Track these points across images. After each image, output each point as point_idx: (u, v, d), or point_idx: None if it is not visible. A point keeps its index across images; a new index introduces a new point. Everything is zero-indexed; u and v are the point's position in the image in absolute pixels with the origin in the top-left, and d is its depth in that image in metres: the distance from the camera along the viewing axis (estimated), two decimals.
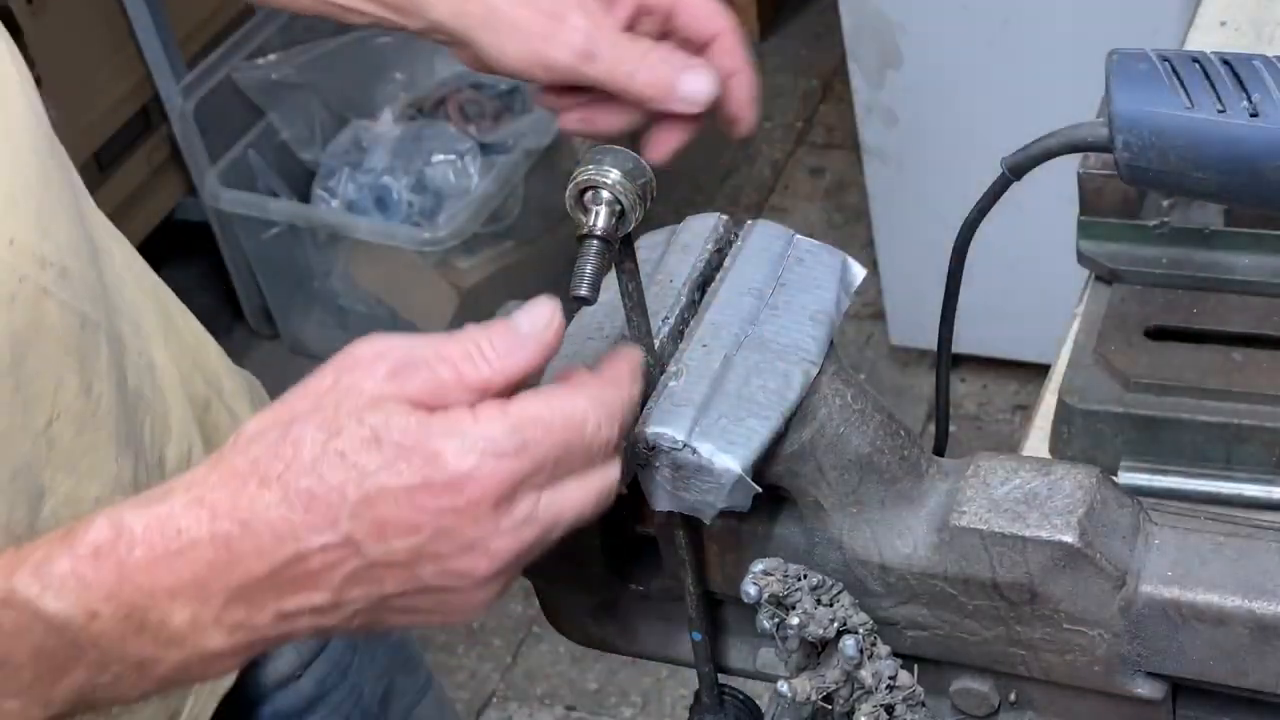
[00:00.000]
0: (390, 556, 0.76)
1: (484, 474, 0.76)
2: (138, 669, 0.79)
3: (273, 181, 3.16)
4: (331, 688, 1.44)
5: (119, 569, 0.77)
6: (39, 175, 1.09)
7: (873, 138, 2.82)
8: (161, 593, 0.77)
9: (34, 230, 1.06)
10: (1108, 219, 1.30)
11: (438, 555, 0.76)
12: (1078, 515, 0.84)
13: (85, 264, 1.13)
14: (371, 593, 0.78)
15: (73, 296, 1.11)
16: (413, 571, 0.77)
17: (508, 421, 0.77)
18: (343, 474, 0.75)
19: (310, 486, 0.75)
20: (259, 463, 0.77)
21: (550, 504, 0.78)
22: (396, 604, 0.79)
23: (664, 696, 2.72)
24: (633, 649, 1.01)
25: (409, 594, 0.78)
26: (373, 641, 1.49)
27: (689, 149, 1.15)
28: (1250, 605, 0.82)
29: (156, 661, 0.79)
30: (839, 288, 0.89)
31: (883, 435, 0.87)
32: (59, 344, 1.09)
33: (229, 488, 0.77)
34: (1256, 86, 0.86)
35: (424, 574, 0.77)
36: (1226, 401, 1.20)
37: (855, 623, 0.87)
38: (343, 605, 0.78)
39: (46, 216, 1.08)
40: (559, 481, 0.79)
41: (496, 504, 0.76)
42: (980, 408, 3.07)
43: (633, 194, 0.81)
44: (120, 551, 0.77)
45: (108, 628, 0.78)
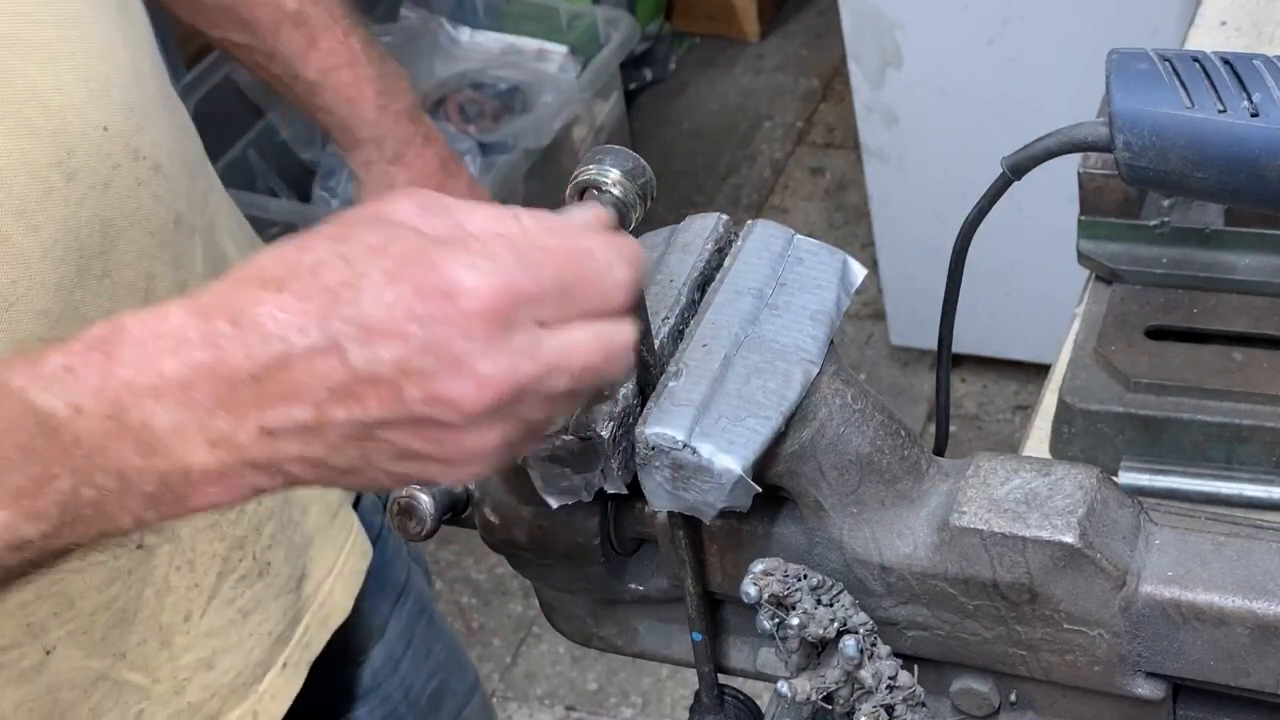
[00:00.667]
0: (375, 367, 0.73)
1: (480, 286, 0.73)
2: (121, 482, 0.77)
3: (273, 181, 3.16)
4: (385, 679, 1.45)
5: (106, 363, 0.76)
6: (132, 69, 1.13)
7: (873, 138, 2.82)
8: (145, 390, 0.75)
9: (127, 121, 1.11)
10: (1108, 219, 1.30)
11: (423, 372, 0.73)
12: (1078, 515, 0.84)
13: (180, 169, 1.18)
14: (354, 414, 0.74)
15: (168, 193, 1.15)
16: (397, 392, 0.73)
17: (510, 243, 0.74)
18: (340, 275, 0.73)
19: (304, 286, 0.74)
20: (264, 268, 0.75)
21: (554, 344, 0.75)
22: (383, 438, 0.75)
23: (664, 696, 2.72)
24: (633, 649, 1.01)
25: (396, 424, 0.75)
26: (427, 638, 1.49)
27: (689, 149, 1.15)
28: (1250, 605, 0.82)
29: (139, 473, 0.76)
30: (839, 288, 0.89)
31: (883, 435, 0.87)
32: (152, 238, 1.12)
33: (230, 290, 0.75)
34: (1257, 86, 0.86)
35: (409, 395, 0.73)
36: (1226, 401, 1.21)
37: (855, 623, 0.87)
38: (325, 427, 0.75)
39: (140, 112, 1.13)
40: (564, 320, 0.75)
41: (490, 319, 0.73)
42: (980, 408, 3.07)
43: (633, 193, 0.81)
44: (111, 345, 0.76)
45: (90, 425, 0.76)
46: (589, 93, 3.28)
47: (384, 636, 1.46)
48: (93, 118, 1.08)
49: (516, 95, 3.25)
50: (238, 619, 1.25)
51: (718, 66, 3.92)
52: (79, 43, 1.08)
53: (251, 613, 1.26)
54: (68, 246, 1.06)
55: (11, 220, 1.02)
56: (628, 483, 0.86)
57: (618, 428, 0.85)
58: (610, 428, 0.84)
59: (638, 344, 0.85)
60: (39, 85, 1.05)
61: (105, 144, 1.08)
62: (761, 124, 3.75)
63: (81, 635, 1.14)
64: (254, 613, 1.26)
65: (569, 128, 3.26)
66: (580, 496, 0.87)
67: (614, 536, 0.94)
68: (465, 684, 1.59)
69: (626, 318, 0.78)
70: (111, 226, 1.09)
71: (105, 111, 1.09)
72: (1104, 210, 1.30)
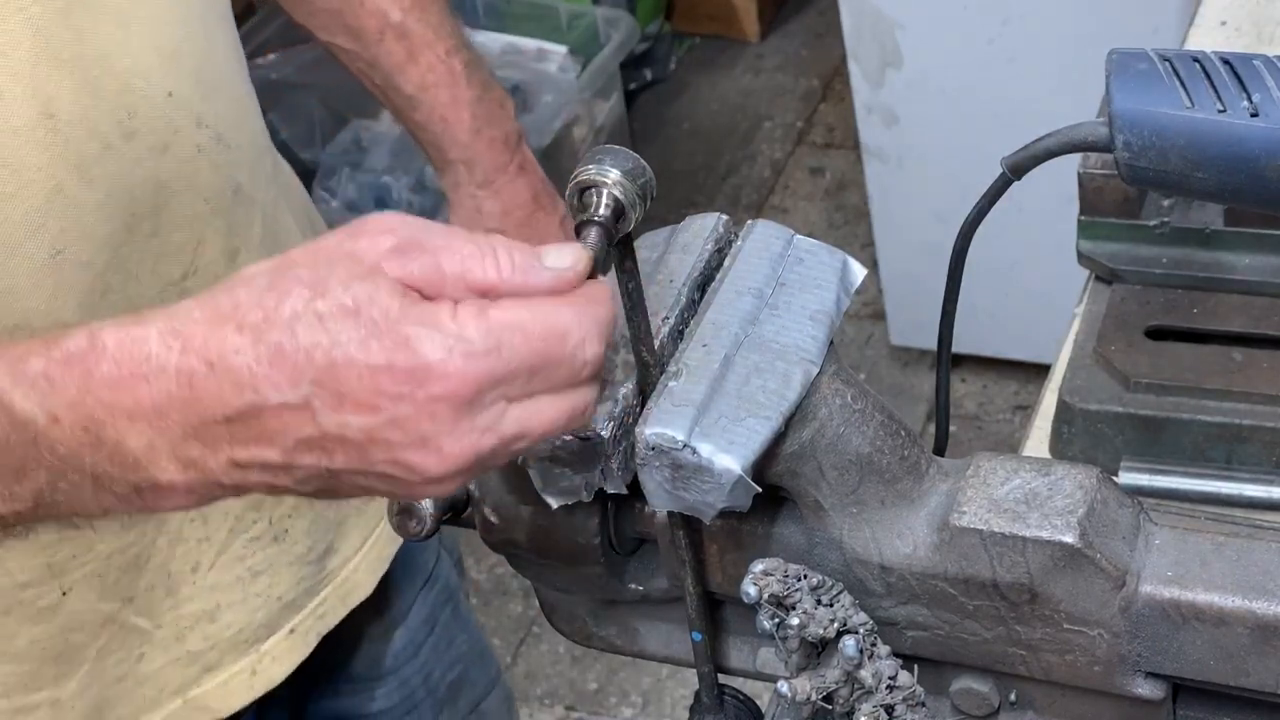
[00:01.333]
0: (343, 431, 0.75)
1: (450, 370, 0.74)
2: (95, 483, 0.79)
3: None
4: (404, 663, 1.46)
5: (85, 379, 0.77)
6: (204, 39, 1.17)
7: (873, 138, 2.82)
8: (120, 413, 0.77)
9: (194, 89, 1.15)
10: (1108, 219, 1.30)
11: (389, 443, 0.75)
12: (1078, 515, 0.84)
13: (246, 142, 1.21)
14: (321, 463, 0.77)
15: (228, 163, 1.18)
16: (363, 453, 0.76)
17: (485, 323, 0.75)
18: (315, 337, 0.74)
19: (280, 342, 0.75)
20: (240, 308, 0.76)
21: (518, 417, 0.77)
22: (346, 480, 0.78)
23: (664, 696, 2.72)
24: (633, 649, 1.01)
25: (358, 474, 0.77)
26: (451, 627, 1.51)
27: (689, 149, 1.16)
28: (1250, 605, 0.82)
29: (112, 479, 0.79)
30: (839, 288, 0.89)
31: (883, 435, 0.87)
32: (206, 204, 1.15)
33: (206, 325, 0.76)
34: (1257, 86, 0.86)
35: (374, 458, 0.76)
36: (1226, 401, 1.20)
37: (855, 623, 0.87)
38: (293, 469, 0.77)
39: (207, 83, 1.16)
40: (532, 394, 0.77)
41: (458, 404, 0.75)
42: (980, 408, 3.07)
43: (632, 193, 0.81)
44: (89, 363, 0.78)
45: (66, 436, 0.78)
46: (589, 93, 3.28)
47: (406, 621, 1.47)
48: (158, 82, 1.11)
49: (516, 95, 3.25)
50: (246, 577, 1.27)
51: (718, 66, 3.92)
52: (152, 7, 1.11)
53: (261, 574, 1.28)
54: (120, 203, 1.09)
55: (68, 172, 1.06)
56: (628, 483, 0.86)
57: (618, 428, 0.85)
58: (610, 428, 0.84)
59: (638, 344, 0.85)
60: (107, 46, 1.08)
61: (168, 109, 1.11)
62: (761, 124, 3.75)
63: (96, 578, 1.17)
64: (264, 574, 1.28)
65: (569, 128, 3.26)
66: (580, 496, 0.87)
67: (614, 536, 0.94)
68: (486, 677, 1.59)
69: (593, 383, 0.80)
70: (165, 188, 1.12)
71: (172, 78, 1.11)
72: (1104, 210, 1.30)
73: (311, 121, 3.23)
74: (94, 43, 1.07)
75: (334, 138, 3.22)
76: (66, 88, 1.05)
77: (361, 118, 3.24)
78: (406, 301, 0.75)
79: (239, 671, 1.29)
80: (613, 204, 0.80)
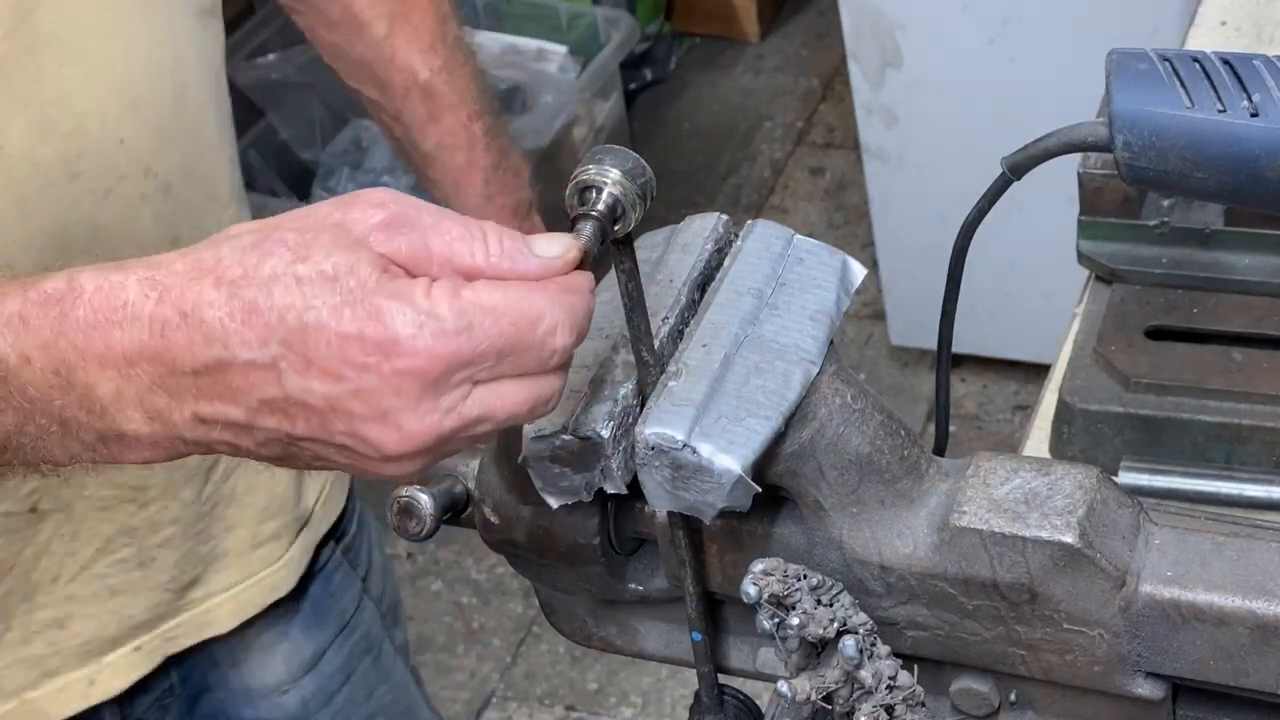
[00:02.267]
0: (306, 397, 0.75)
1: (418, 347, 0.74)
2: (62, 428, 0.79)
3: (273, 181, 3.16)
4: (315, 710, 1.45)
5: (60, 321, 0.78)
6: (173, 92, 1.17)
7: (873, 138, 2.82)
8: (92, 357, 0.77)
9: (149, 139, 1.15)
10: (1108, 219, 1.30)
11: (350, 414, 0.75)
12: (1078, 515, 0.84)
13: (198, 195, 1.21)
14: (282, 426, 0.77)
15: (172, 213, 1.18)
16: (324, 421, 0.76)
17: (458, 303, 0.75)
18: (289, 299, 0.75)
19: (255, 299, 0.75)
20: (221, 262, 0.76)
21: (481, 399, 0.77)
22: (306, 448, 0.78)
23: (664, 696, 2.72)
24: (633, 649, 1.01)
25: (318, 443, 0.77)
26: (371, 678, 1.50)
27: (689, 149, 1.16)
28: (1250, 605, 0.82)
29: (80, 426, 0.79)
30: (839, 288, 0.89)
31: (883, 435, 0.87)
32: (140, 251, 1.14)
33: (185, 276, 0.77)
34: (1257, 86, 0.86)
35: (334, 428, 0.76)
36: (1226, 401, 1.20)
37: (855, 623, 0.86)
38: (254, 430, 0.77)
39: (166, 134, 1.17)
40: (498, 378, 0.77)
41: (424, 381, 0.75)
42: (980, 408, 3.07)
43: (632, 193, 0.81)
44: (65, 305, 0.78)
45: (37, 378, 0.78)
46: (589, 93, 3.28)
47: (317, 667, 1.45)
48: (112, 129, 1.12)
49: (516, 95, 3.25)
50: (103, 594, 1.27)
51: (718, 66, 3.92)
52: (120, 57, 1.12)
53: (120, 594, 1.28)
54: (52, 240, 1.09)
55: (8, 203, 1.06)
56: (628, 483, 0.86)
57: (618, 428, 0.85)
58: (610, 428, 0.84)
59: (638, 344, 0.85)
60: (68, 88, 1.09)
61: (117, 155, 1.12)
62: (761, 124, 3.75)
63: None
64: (122, 594, 1.28)
65: (569, 128, 3.26)
66: (580, 496, 0.87)
67: (614, 536, 0.94)
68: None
69: (560, 373, 0.80)
70: (101, 231, 1.12)
71: (127, 126, 1.12)
72: (1104, 210, 1.30)
73: (311, 121, 3.23)
74: (54, 83, 1.07)
75: (334, 138, 3.22)
76: (18, 123, 1.06)
77: (361, 118, 3.24)
78: (385, 275, 0.75)
79: (77, 680, 1.29)
80: (610, 201, 0.80)
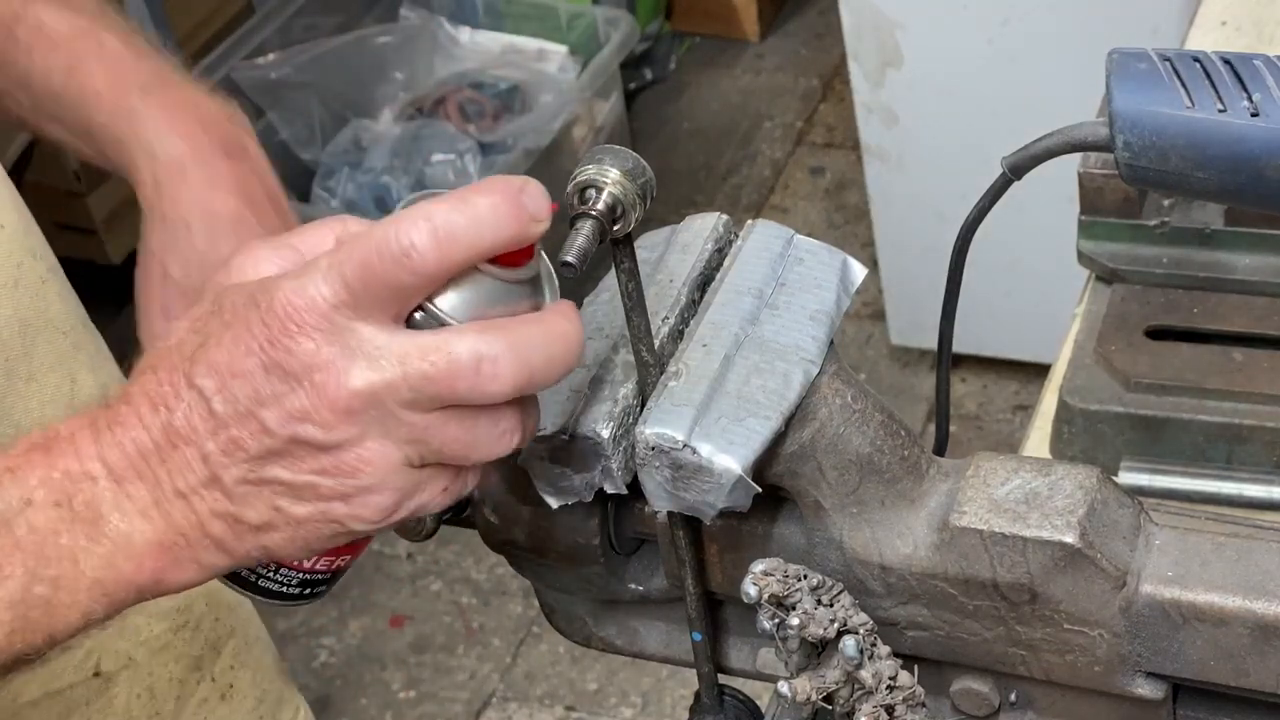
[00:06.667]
0: (234, 406, 0.77)
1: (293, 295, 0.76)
2: (72, 567, 0.79)
3: None
4: None
5: (46, 459, 0.80)
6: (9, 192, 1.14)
7: (873, 138, 2.82)
8: (80, 475, 0.79)
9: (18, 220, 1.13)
10: (1108, 219, 1.30)
11: (275, 396, 0.77)
12: (1078, 515, 0.84)
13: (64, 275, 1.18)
14: (238, 458, 0.78)
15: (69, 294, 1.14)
16: (258, 420, 0.77)
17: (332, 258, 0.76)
18: (193, 343, 0.79)
19: (171, 361, 0.79)
20: (145, 360, 0.81)
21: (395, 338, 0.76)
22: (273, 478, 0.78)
23: (664, 696, 2.72)
24: (633, 649, 1.01)
25: (274, 457, 0.78)
26: None
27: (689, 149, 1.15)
28: (1250, 605, 0.82)
29: (86, 554, 0.79)
30: (839, 288, 0.89)
31: (883, 435, 0.87)
32: (65, 338, 1.13)
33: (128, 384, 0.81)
34: (1257, 86, 0.85)
35: (270, 421, 0.77)
36: (1226, 401, 1.21)
37: (855, 623, 0.86)
38: (221, 476, 0.78)
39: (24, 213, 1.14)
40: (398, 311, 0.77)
41: (309, 325, 0.76)
42: (980, 408, 3.07)
43: (632, 193, 0.81)
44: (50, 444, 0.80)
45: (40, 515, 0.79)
46: (589, 93, 3.28)
47: None
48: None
49: (516, 95, 3.25)
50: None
51: (718, 66, 3.92)
52: None
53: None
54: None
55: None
56: (628, 483, 0.86)
57: (618, 428, 0.85)
58: (610, 428, 0.84)
59: (638, 344, 0.85)
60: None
61: (6, 242, 1.10)
62: (761, 124, 3.75)
63: None
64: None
65: (569, 128, 3.26)
66: (580, 496, 0.87)
67: (614, 536, 0.94)
68: None
69: None
70: (29, 326, 1.11)
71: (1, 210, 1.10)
72: (1104, 210, 1.30)
73: (311, 121, 3.23)
74: None
75: (334, 137, 3.22)
76: None
77: (361, 117, 3.24)
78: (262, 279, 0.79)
79: None
80: (610, 201, 0.80)
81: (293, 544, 0.80)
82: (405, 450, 0.78)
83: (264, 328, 0.76)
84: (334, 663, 2.83)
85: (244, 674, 1.28)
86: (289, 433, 0.77)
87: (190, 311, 0.81)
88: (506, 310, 0.79)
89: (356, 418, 0.77)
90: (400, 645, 2.85)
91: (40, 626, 0.80)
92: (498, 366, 0.76)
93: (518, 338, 0.77)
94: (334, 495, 0.79)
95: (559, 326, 0.78)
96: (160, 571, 0.80)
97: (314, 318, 0.76)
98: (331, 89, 3.23)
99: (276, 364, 0.76)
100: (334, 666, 2.82)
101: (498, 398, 0.77)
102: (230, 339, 0.77)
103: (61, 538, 0.79)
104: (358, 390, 0.76)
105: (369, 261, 0.75)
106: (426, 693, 2.78)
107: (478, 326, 0.77)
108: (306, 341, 0.76)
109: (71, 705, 1.15)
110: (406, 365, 0.76)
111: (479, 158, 3.12)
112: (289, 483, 0.79)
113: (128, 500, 0.79)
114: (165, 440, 0.79)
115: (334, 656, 2.84)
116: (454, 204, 0.76)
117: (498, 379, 0.76)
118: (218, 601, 1.25)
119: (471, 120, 3.21)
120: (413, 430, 0.77)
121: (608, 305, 0.87)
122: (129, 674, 1.18)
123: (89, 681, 1.16)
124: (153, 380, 0.79)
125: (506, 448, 0.79)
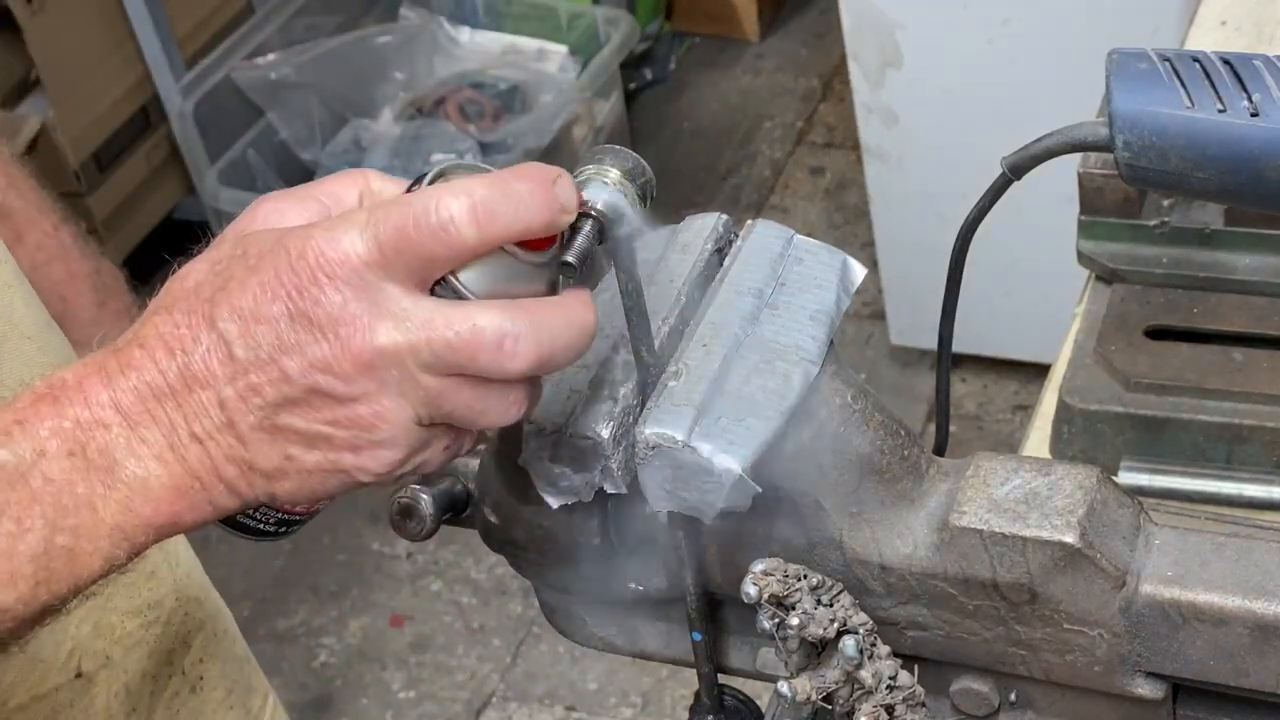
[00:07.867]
0: (256, 352, 0.78)
1: (326, 246, 0.77)
2: (91, 514, 0.79)
3: (272, 181, 3.16)
4: None
5: (55, 408, 0.80)
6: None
7: (873, 138, 2.82)
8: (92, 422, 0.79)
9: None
10: (1108, 219, 1.30)
11: (298, 345, 0.77)
12: (1078, 515, 0.84)
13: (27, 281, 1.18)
14: (254, 403, 0.78)
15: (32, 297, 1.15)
16: (281, 369, 0.78)
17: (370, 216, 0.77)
18: (213, 285, 0.79)
19: (189, 303, 0.79)
20: (158, 300, 0.81)
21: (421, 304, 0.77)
22: (288, 425, 0.79)
23: (664, 696, 2.72)
24: (633, 649, 1.01)
25: (292, 404, 0.78)
26: None
27: (689, 149, 1.15)
28: (1250, 605, 0.82)
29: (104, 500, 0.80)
30: (839, 288, 0.89)
31: (883, 435, 0.87)
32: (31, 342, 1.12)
33: (138, 325, 0.81)
34: (1257, 86, 0.86)
35: (290, 370, 0.78)
36: (1226, 401, 1.21)
37: (855, 623, 0.86)
38: (236, 421, 0.79)
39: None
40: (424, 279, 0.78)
41: (339, 278, 0.77)
42: (980, 408, 3.07)
43: (633, 193, 0.81)
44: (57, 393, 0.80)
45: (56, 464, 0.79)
46: (589, 93, 3.28)
47: None
48: None
49: (516, 95, 3.25)
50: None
51: (718, 66, 3.92)
52: None
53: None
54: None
55: None
56: (628, 483, 0.86)
57: (618, 428, 0.85)
58: (610, 428, 0.84)
59: (638, 344, 0.85)
60: None
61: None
62: (761, 124, 3.75)
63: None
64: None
65: (569, 128, 3.26)
66: (580, 496, 0.87)
67: (614, 536, 0.93)
68: None
69: None
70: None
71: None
72: (1104, 210, 1.30)
73: (311, 121, 3.23)
74: None
75: (334, 138, 3.22)
76: None
77: (361, 117, 3.24)
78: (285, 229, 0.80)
79: None
80: (610, 200, 0.80)
81: (300, 491, 0.81)
82: (417, 410, 0.79)
83: (293, 275, 0.77)
84: (334, 663, 2.83)
85: (213, 666, 1.29)
86: (309, 382, 0.78)
87: (207, 253, 0.81)
88: (521, 291, 0.80)
89: (376, 374, 0.78)
90: (400, 645, 2.85)
91: (64, 576, 0.81)
92: (519, 345, 0.77)
93: (539, 319, 0.78)
94: (345, 446, 0.80)
95: (578, 312, 0.80)
96: (177, 515, 0.81)
97: (345, 271, 0.77)
98: (331, 89, 3.23)
99: (303, 313, 0.77)
100: (334, 666, 2.82)
101: (514, 375, 0.79)
102: (257, 283, 0.77)
103: (78, 487, 0.79)
104: (382, 348, 0.77)
105: (405, 228, 0.77)
106: (426, 693, 2.78)
107: (501, 304, 0.78)
108: (335, 294, 0.77)
109: (57, 708, 1.15)
110: (431, 331, 0.77)
111: (479, 158, 3.12)
112: (303, 431, 0.79)
113: (142, 444, 0.79)
114: (181, 384, 0.79)
115: (334, 656, 2.84)
116: (495, 185, 0.78)
117: (517, 357, 0.78)
118: (186, 596, 1.26)
119: (471, 120, 3.21)
120: (428, 392, 0.78)
121: (608, 305, 0.87)
122: (107, 673, 1.19)
123: (72, 683, 1.16)
124: (168, 322, 0.79)
125: (513, 417, 0.81)
